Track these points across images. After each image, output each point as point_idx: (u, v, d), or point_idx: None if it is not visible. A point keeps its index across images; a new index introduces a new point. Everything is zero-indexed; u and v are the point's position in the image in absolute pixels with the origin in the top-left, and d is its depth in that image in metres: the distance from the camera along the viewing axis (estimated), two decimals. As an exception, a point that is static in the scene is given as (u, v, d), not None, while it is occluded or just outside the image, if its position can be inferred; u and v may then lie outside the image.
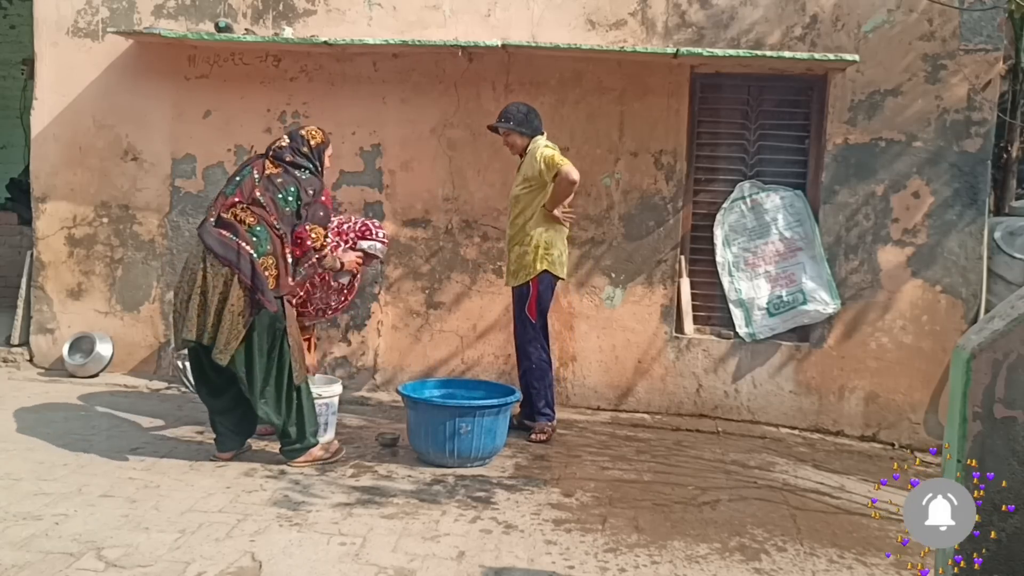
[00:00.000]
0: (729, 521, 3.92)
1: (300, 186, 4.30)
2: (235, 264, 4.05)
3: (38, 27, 6.15)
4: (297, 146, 4.41)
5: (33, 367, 6.20)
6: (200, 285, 4.08)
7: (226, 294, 4.06)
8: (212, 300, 4.06)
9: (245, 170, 4.34)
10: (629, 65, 5.64)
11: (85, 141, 6.15)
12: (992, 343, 2.13)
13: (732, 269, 5.69)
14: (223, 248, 4.08)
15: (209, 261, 4.09)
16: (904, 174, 5.46)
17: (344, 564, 3.25)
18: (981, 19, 5.32)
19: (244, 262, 4.06)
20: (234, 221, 4.16)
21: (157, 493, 3.86)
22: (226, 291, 4.06)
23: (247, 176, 4.29)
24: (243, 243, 4.10)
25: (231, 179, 4.36)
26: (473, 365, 5.87)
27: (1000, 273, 5.41)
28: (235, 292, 4.06)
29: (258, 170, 4.31)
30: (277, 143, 4.44)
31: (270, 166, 4.33)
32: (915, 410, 5.47)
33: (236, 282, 4.06)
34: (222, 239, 4.11)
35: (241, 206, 4.19)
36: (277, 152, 4.39)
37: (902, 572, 3.51)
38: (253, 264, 4.07)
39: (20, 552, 3.19)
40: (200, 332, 4.08)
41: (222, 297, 4.06)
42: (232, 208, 4.19)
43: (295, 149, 4.40)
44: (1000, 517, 2.14)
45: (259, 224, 4.16)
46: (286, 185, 4.27)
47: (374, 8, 5.87)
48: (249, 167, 4.35)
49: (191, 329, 4.07)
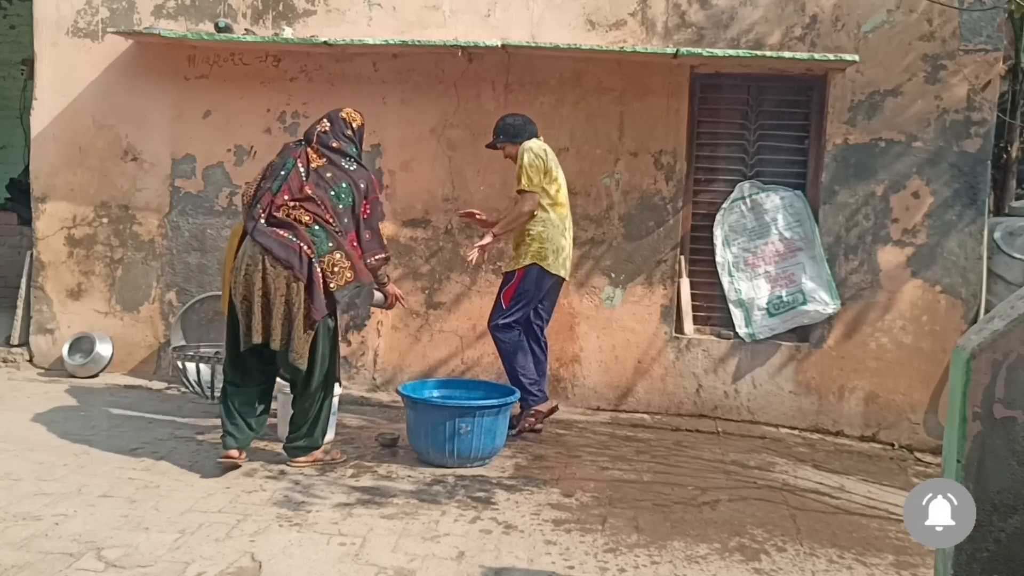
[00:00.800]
0: (729, 521, 3.92)
1: (351, 181, 4.14)
2: (296, 268, 3.93)
3: (38, 27, 6.15)
4: (340, 130, 4.25)
5: (33, 367, 6.21)
6: (261, 288, 3.96)
7: (290, 297, 3.96)
8: (276, 303, 3.95)
9: (288, 163, 4.14)
10: (629, 65, 5.64)
11: (85, 141, 6.15)
12: (992, 343, 2.12)
13: (732, 269, 5.69)
14: (284, 250, 3.94)
15: (268, 263, 3.96)
16: (904, 174, 5.47)
17: (344, 564, 3.25)
18: (981, 19, 5.32)
19: (304, 265, 3.94)
20: (291, 221, 4.00)
21: (157, 493, 3.86)
22: (289, 294, 3.95)
23: (291, 170, 4.11)
24: (304, 244, 3.97)
25: (274, 173, 4.15)
26: (473, 365, 5.87)
27: (1000, 273, 5.41)
28: (299, 296, 3.95)
29: (302, 162, 4.11)
30: (319, 128, 4.24)
31: (314, 156, 4.14)
32: (915, 410, 5.47)
33: (299, 285, 3.95)
34: (281, 240, 3.97)
35: (293, 204, 4.03)
36: (321, 138, 4.19)
37: (902, 572, 3.51)
38: (311, 268, 3.94)
39: (20, 552, 3.19)
40: (267, 335, 3.99)
41: (286, 300, 3.95)
42: (283, 207, 4.03)
43: (339, 133, 4.23)
44: (1000, 517, 2.14)
45: (315, 223, 4.02)
46: (337, 181, 4.10)
47: (374, 8, 5.87)
48: (292, 159, 4.14)
49: (257, 333, 3.97)
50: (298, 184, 4.07)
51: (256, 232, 4.03)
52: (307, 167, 4.12)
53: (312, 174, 4.11)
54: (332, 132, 4.24)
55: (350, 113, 4.38)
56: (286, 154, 4.22)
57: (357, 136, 4.36)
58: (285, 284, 3.96)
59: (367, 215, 4.21)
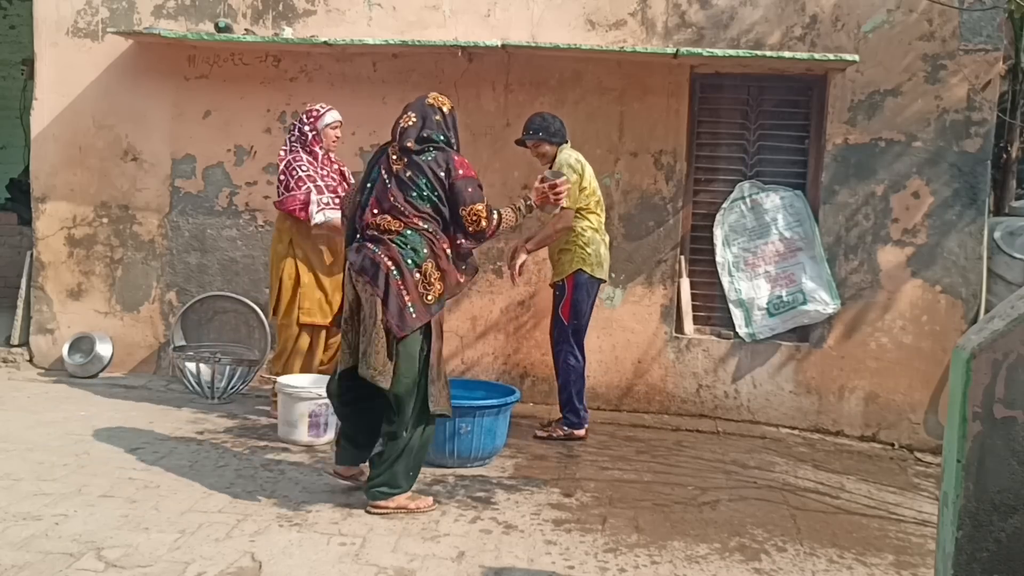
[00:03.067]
0: (729, 521, 3.92)
1: (429, 172, 3.79)
2: (374, 282, 3.72)
3: (38, 27, 6.15)
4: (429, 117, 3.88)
5: (33, 367, 6.20)
6: (351, 303, 3.82)
7: (374, 314, 3.72)
8: (367, 319, 3.76)
9: (374, 172, 3.92)
10: (629, 65, 5.64)
11: (85, 141, 6.15)
12: (992, 343, 2.12)
13: (732, 269, 5.69)
14: (369, 265, 3.73)
15: (354, 279, 3.80)
16: (904, 174, 5.47)
17: (344, 564, 3.25)
18: (981, 19, 5.32)
19: (381, 278, 3.69)
20: (379, 234, 3.78)
21: (157, 493, 3.86)
22: (372, 310, 3.72)
23: (377, 179, 3.88)
24: (386, 258, 3.71)
25: (362, 185, 3.94)
26: (473, 365, 5.87)
27: (1000, 273, 5.41)
28: (377, 309, 3.71)
29: (386, 169, 3.86)
30: (401, 123, 3.89)
31: (395, 159, 3.86)
32: (915, 410, 5.47)
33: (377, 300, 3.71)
34: (365, 254, 3.76)
35: (380, 215, 3.79)
36: (400, 136, 3.86)
37: (902, 572, 3.51)
38: (388, 282, 3.68)
39: (20, 552, 3.19)
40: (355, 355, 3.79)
41: (371, 315, 3.73)
42: (374, 219, 3.80)
43: (428, 124, 3.87)
44: (1000, 517, 2.14)
45: (407, 228, 3.75)
46: (415, 179, 3.78)
47: (374, 8, 5.87)
48: (377, 167, 3.92)
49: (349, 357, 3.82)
50: (383, 194, 3.82)
51: (348, 249, 3.88)
52: (390, 172, 3.85)
53: (394, 179, 3.82)
54: (415, 126, 3.86)
55: (437, 98, 3.98)
56: (372, 161, 3.99)
57: (448, 121, 3.96)
58: (367, 299, 3.75)
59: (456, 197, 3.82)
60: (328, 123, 5.07)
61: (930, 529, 3.96)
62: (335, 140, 5.13)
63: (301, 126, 5.06)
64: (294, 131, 5.09)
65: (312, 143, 5.04)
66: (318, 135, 5.04)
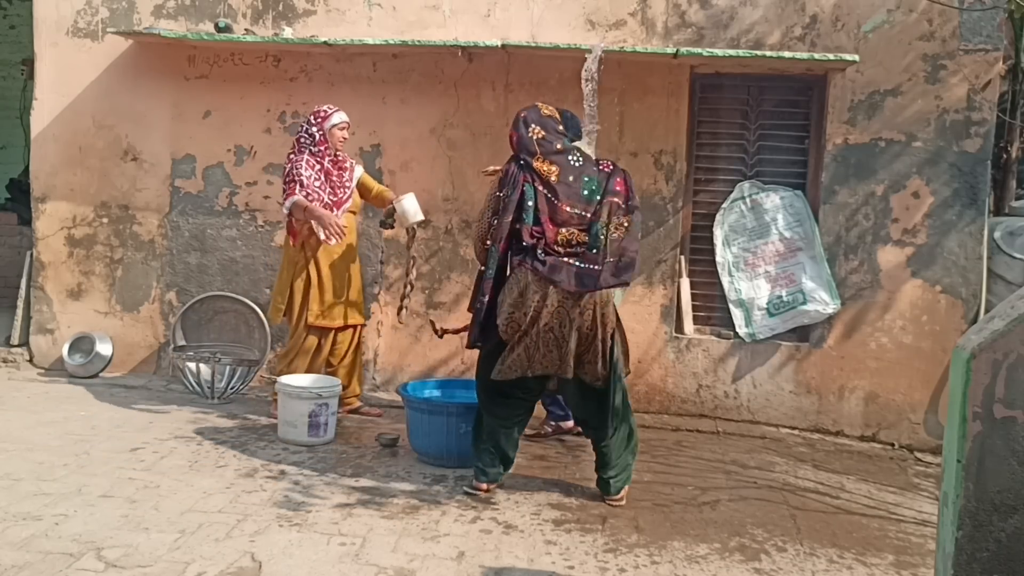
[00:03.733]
0: (729, 521, 3.92)
1: (592, 168, 3.95)
2: (590, 289, 3.81)
3: (38, 27, 6.15)
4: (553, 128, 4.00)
5: (33, 367, 6.21)
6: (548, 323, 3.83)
7: (595, 325, 3.86)
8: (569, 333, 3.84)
9: (527, 191, 3.87)
10: (629, 65, 5.64)
11: (85, 141, 6.15)
12: (992, 343, 2.12)
13: (732, 269, 5.69)
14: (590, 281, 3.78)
15: (559, 296, 3.81)
16: (904, 174, 5.47)
17: (344, 564, 3.25)
18: (981, 19, 5.32)
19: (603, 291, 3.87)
20: (570, 245, 3.83)
21: (157, 493, 3.86)
22: (595, 321, 3.86)
23: (536, 197, 3.86)
24: (589, 264, 3.81)
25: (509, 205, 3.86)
26: (473, 365, 5.83)
27: (1000, 273, 5.41)
28: (598, 319, 3.86)
29: (540, 184, 3.88)
30: (534, 136, 3.97)
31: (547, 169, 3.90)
32: (915, 410, 5.47)
33: (596, 309, 3.85)
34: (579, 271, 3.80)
35: (566, 229, 3.84)
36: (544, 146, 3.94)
37: (902, 572, 3.51)
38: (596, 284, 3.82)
39: (20, 552, 3.19)
40: (562, 366, 3.88)
41: (593, 327, 3.85)
42: (558, 235, 3.83)
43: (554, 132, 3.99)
44: (1000, 517, 2.14)
45: (591, 226, 3.83)
46: (580, 178, 3.90)
47: (374, 8, 5.87)
48: (529, 186, 3.88)
49: (569, 367, 3.87)
50: (551, 207, 3.86)
51: (547, 272, 3.82)
52: (547, 185, 3.89)
53: (559, 188, 3.88)
54: (549, 135, 3.98)
55: (546, 107, 4.10)
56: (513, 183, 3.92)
57: (565, 125, 4.10)
58: (579, 313, 3.83)
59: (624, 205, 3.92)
60: (335, 124, 5.09)
61: (930, 529, 3.97)
62: (342, 140, 5.15)
63: (308, 127, 5.09)
64: (301, 132, 5.12)
65: (319, 143, 5.06)
66: (325, 136, 5.06)
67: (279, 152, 5.94)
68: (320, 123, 5.07)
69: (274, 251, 5.98)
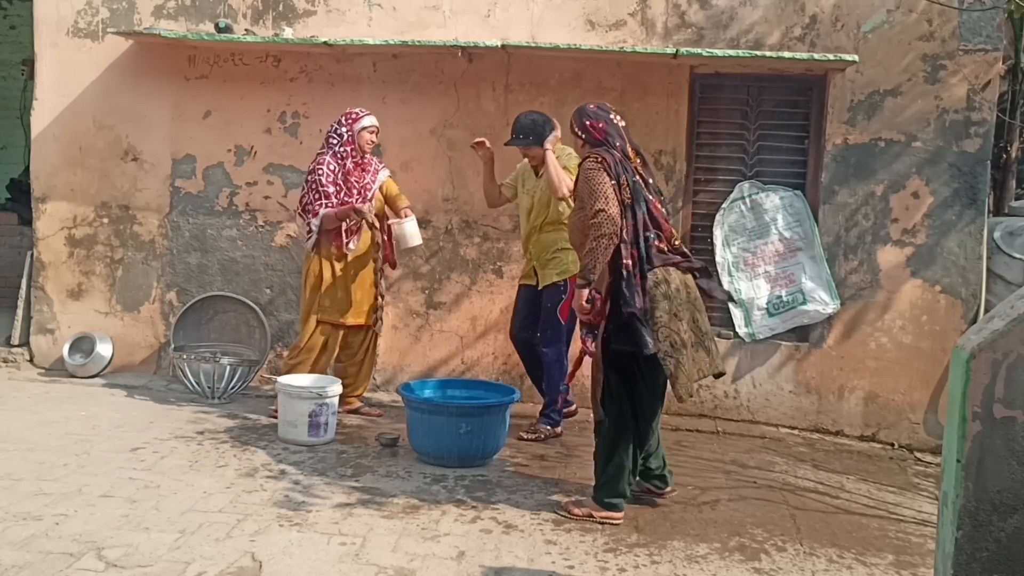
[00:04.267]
0: (729, 521, 3.93)
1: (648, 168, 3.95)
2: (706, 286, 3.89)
3: (38, 27, 6.15)
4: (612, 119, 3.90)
5: (33, 367, 6.20)
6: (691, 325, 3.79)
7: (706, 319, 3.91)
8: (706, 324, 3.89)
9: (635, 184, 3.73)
10: (629, 65, 5.64)
11: (85, 141, 6.15)
12: (992, 343, 2.13)
13: (732, 269, 5.69)
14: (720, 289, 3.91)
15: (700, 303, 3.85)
16: (903, 174, 5.47)
17: (344, 564, 3.25)
18: (980, 19, 5.33)
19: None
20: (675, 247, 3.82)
21: (157, 493, 3.86)
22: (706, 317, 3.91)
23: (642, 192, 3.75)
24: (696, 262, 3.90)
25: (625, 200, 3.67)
26: (473, 365, 5.87)
27: (1000, 273, 5.42)
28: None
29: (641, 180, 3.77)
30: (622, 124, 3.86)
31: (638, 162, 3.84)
32: (914, 410, 5.47)
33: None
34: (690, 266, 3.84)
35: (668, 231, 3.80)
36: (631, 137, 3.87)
37: (902, 572, 3.51)
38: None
39: (20, 552, 3.19)
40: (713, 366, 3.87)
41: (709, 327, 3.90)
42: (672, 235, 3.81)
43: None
44: (1000, 517, 2.14)
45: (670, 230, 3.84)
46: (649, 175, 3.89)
47: (374, 8, 5.87)
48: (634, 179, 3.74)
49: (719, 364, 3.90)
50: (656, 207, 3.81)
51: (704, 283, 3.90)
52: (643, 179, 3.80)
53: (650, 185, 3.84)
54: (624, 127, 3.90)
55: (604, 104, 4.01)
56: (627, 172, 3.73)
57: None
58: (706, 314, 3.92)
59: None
60: (365, 127, 5.17)
61: (930, 529, 3.97)
62: (370, 144, 5.23)
63: (338, 127, 5.18)
64: (331, 132, 5.20)
65: (345, 143, 5.14)
66: (352, 137, 5.14)
67: (279, 152, 5.95)
68: (350, 124, 5.16)
69: (275, 251, 5.99)
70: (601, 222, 3.56)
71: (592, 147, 3.80)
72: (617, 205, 3.60)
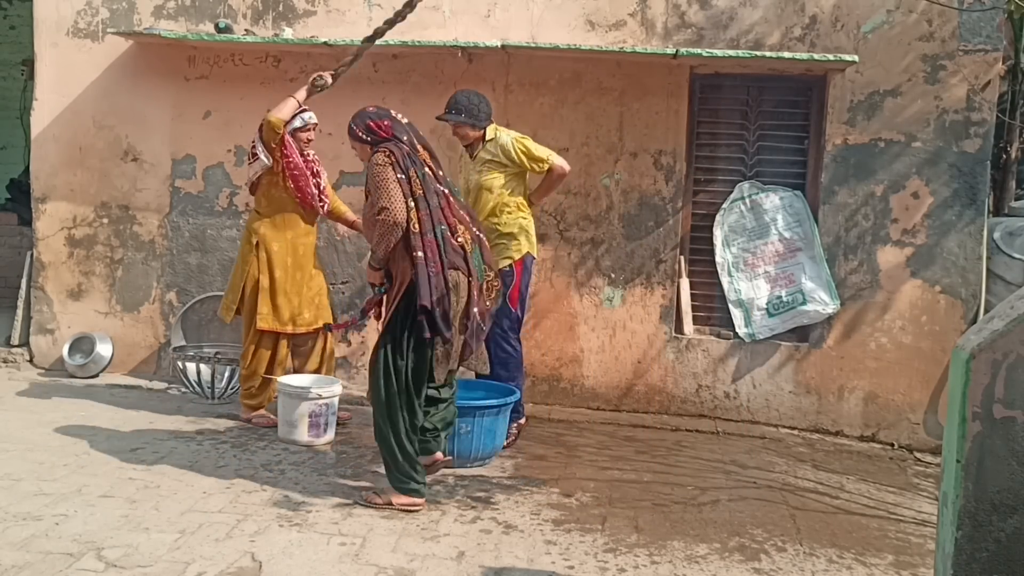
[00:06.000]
0: (728, 521, 3.93)
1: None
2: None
3: (38, 27, 6.15)
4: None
5: (33, 367, 6.20)
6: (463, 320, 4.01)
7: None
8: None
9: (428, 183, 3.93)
10: (628, 66, 5.64)
11: (85, 142, 6.15)
12: (991, 343, 2.13)
13: (732, 269, 5.69)
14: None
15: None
16: (903, 174, 5.47)
17: (344, 564, 3.25)
18: (980, 19, 5.33)
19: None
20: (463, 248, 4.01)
21: (157, 493, 3.86)
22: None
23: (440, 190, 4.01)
24: None
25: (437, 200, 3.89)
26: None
27: (999, 273, 5.42)
28: None
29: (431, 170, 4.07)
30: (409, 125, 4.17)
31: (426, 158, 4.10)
32: (914, 410, 5.48)
33: None
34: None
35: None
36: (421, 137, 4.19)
37: (902, 572, 3.51)
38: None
39: (20, 552, 3.19)
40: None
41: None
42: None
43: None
44: (1000, 517, 2.14)
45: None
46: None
47: (374, 9, 5.87)
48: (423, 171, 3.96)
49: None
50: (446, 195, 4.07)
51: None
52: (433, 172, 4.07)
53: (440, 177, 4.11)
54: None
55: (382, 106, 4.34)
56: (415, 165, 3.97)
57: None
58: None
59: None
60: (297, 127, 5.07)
61: (930, 529, 3.97)
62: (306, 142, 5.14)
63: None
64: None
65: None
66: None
67: (279, 152, 5.94)
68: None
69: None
70: (384, 219, 3.77)
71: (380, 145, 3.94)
72: (401, 201, 3.76)
